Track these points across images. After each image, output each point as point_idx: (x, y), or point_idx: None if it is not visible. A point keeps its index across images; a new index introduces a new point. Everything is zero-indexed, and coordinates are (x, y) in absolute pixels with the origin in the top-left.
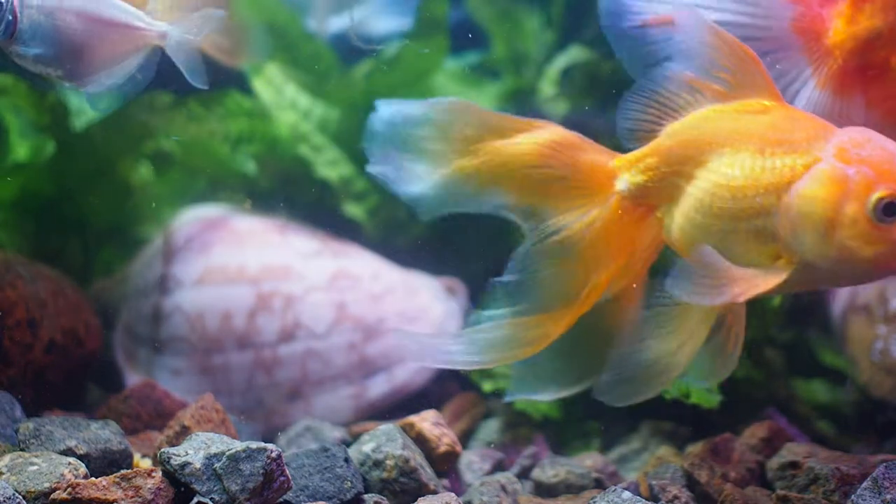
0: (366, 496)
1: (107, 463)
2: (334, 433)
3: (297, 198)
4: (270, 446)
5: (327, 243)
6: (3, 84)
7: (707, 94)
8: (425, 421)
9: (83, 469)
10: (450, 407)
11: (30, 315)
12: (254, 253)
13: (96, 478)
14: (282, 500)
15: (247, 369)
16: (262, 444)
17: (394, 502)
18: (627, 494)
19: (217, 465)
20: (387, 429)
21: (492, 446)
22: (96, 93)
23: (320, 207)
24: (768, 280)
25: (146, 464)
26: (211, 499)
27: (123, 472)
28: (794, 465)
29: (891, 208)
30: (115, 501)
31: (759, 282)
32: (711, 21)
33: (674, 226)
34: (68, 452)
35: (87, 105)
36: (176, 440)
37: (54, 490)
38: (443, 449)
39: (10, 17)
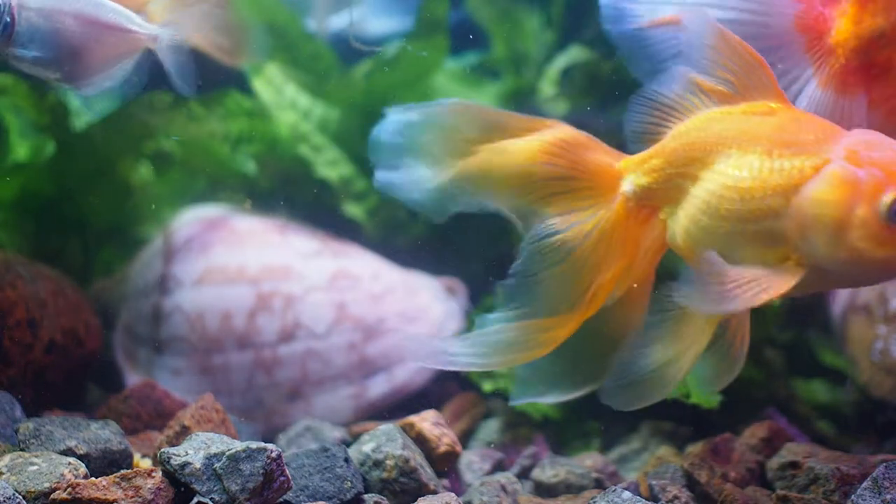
0: (366, 496)
1: (107, 463)
2: (334, 433)
3: (297, 198)
4: (270, 446)
5: (327, 243)
6: (3, 84)
7: (712, 97)
8: (425, 421)
9: (83, 469)
10: (450, 407)
11: (30, 315)
12: (254, 253)
13: (96, 478)
14: (282, 500)
15: (247, 369)
16: (262, 444)
17: (394, 502)
18: (627, 494)
19: (217, 465)
20: (387, 429)
21: (492, 446)
22: (92, 95)
23: (320, 207)
24: (779, 284)
25: (146, 464)
26: (211, 499)
27: (123, 472)
28: (794, 465)
29: None
30: (115, 501)
31: (769, 286)
32: (717, 22)
33: (678, 228)
34: (68, 452)
35: (83, 107)
36: (176, 440)
37: (54, 490)
38: (443, 449)
39: (8, 20)
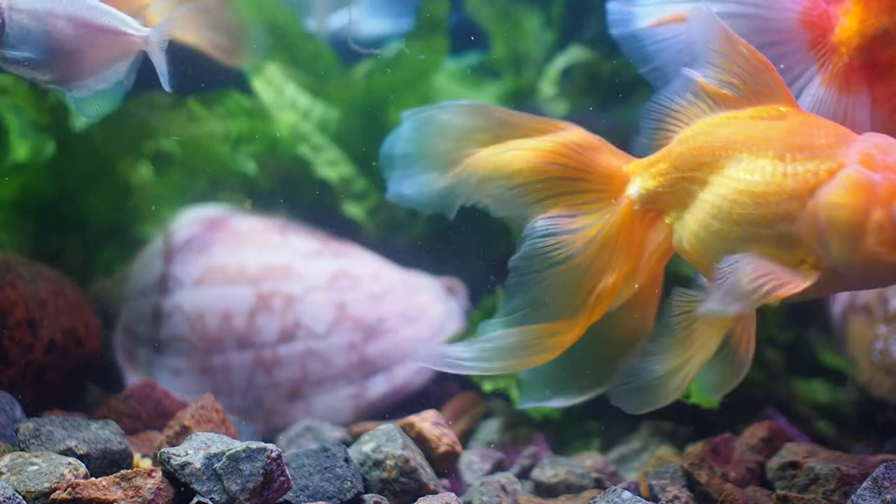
0: (366, 496)
1: (107, 463)
2: (334, 433)
3: (297, 198)
4: (270, 446)
5: (327, 243)
6: (3, 84)
7: (717, 101)
8: (425, 421)
9: (83, 469)
10: (450, 407)
11: (30, 315)
12: (254, 253)
13: (96, 478)
14: (282, 500)
15: (247, 369)
16: (262, 444)
17: (394, 502)
18: (627, 494)
19: (217, 465)
20: (387, 429)
21: (492, 446)
22: (84, 97)
23: (320, 207)
24: (795, 282)
25: (146, 464)
26: (211, 499)
27: (123, 472)
28: (794, 465)
29: None
30: (115, 501)
31: (786, 282)
32: (723, 25)
33: (686, 232)
34: (68, 452)
35: (76, 110)
36: (176, 440)
37: (54, 490)
38: (443, 449)
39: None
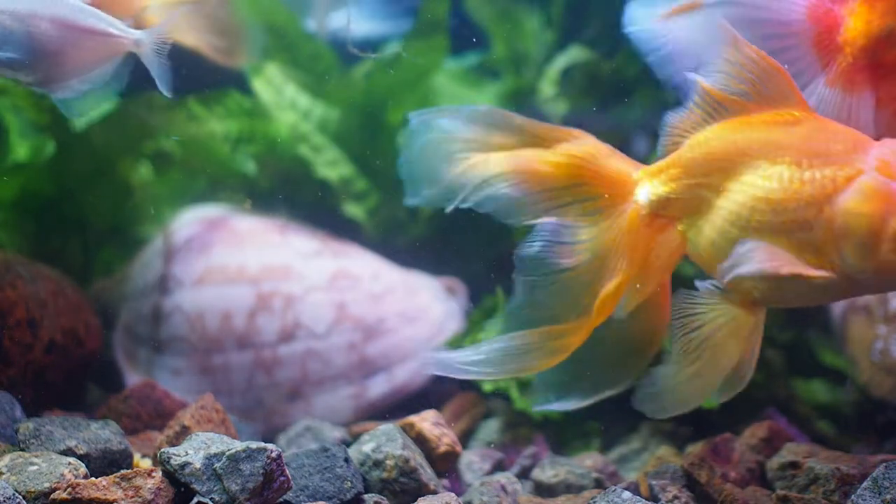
0: (366, 496)
1: (107, 463)
2: (334, 433)
3: (297, 198)
4: (270, 446)
5: (327, 243)
6: (3, 84)
7: (728, 106)
8: (425, 421)
9: (83, 469)
10: (450, 407)
11: (30, 315)
12: (254, 253)
13: (96, 478)
14: (282, 500)
15: (247, 369)
16: (262, 444)
17: (394, 502)
18: (627, 494)
19: (217, 465)
20: (387, 429)
21: (492, 446)
22: (69, 99)
23: (320, 207)
24: (810, 270)
25: (146, 464)
26: (211, 499)
27: (123, 472)
28: (794, 465)
29: None
30: (115, 501)
31: (801, 266)
32: (733, 30)
33: (702, 239)
34: (68, 452)
35: (63, 111)
36: (176, 440)
37: (54, 490)
38: (443, 449)
39: None
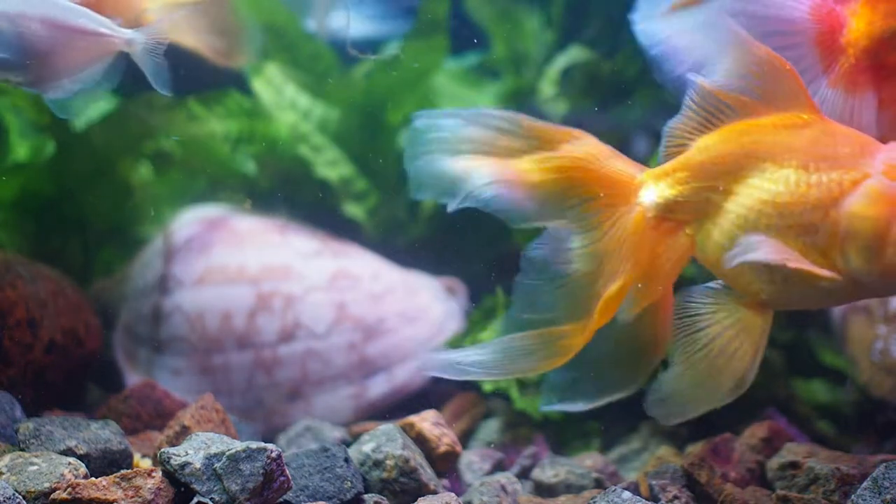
0: (366, 496)
1: (107, 463)
2: (334, 433)
3: (297, 198)
4: (270, 446)
5: (327, 243)
6: (3, 84)
7: (737, 107)
8: (425, 421)
9: (83, 469)
10: (450, 407)
11: (30, 315)
12: (254, 253)
13: (96, 478)
14: (282, 500)
15: (247, 369)
16: (262, 444)
17: (394, 502)
18: (627, 494)
19: (217, 465)
20: (387, 429)
21: (492, 446)
22: (60, 99)
23: (320, 207)
24: (817, 268)
25: (146, 464)
26: (211, 499)
27: (123, 472)
28: (794, 465)
29: None
30: (115, 501)
31: (806, 262)
32: (741, 30)
33: (709, 243)
34: (68, 452)
35: (54, 111)
36: (176, 440)
37: (54, 490)
38: (443, 449)
39: None
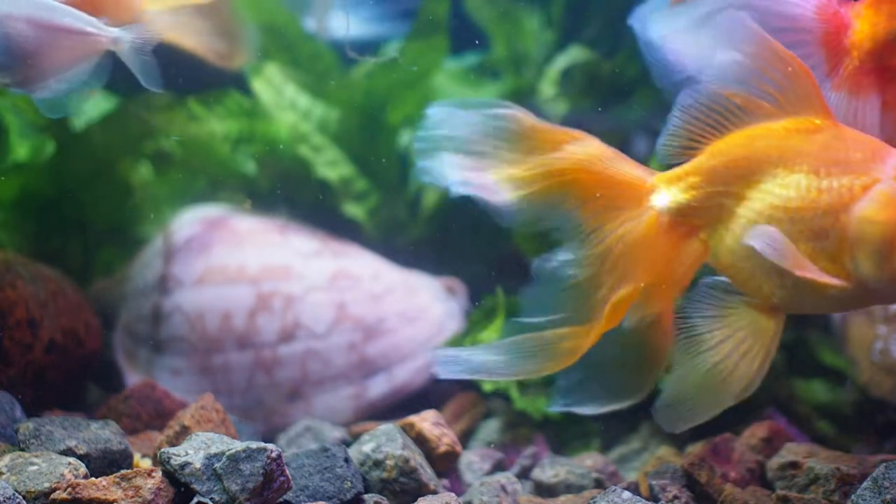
0: (366, 496)
1: (107, 463)
2: (334, 433)
3: (297, 198)
4: (270, 446)
5: (327, 243)
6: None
7: (750, 111)
8: (425, 421)
9: (83, 469)
10: (450, 407)
11: (30, 315)
12: (254, 253)
13: (96, 478)
14: (282, 500)
15: (247, 369)
16: (262, 444)
17: (394, 502)
18: (627, 494)
19: (217, 465)
20: (387, 429)
21: (492, 446)
22: (48, 98)
23: (320, 207)
24: (825, 276)
25: (146, 464)
26: (211, 499)
27: (123, 472)
28: (794, 465)
29: None
30: (115, 501)
31: (815, 270)
32: (759, 28)
33: (722, 247)
34: (68, 452)
35: (42, 110)
36: (176, 440)
37: (54, 490)
38: (443, 449)
39: None
